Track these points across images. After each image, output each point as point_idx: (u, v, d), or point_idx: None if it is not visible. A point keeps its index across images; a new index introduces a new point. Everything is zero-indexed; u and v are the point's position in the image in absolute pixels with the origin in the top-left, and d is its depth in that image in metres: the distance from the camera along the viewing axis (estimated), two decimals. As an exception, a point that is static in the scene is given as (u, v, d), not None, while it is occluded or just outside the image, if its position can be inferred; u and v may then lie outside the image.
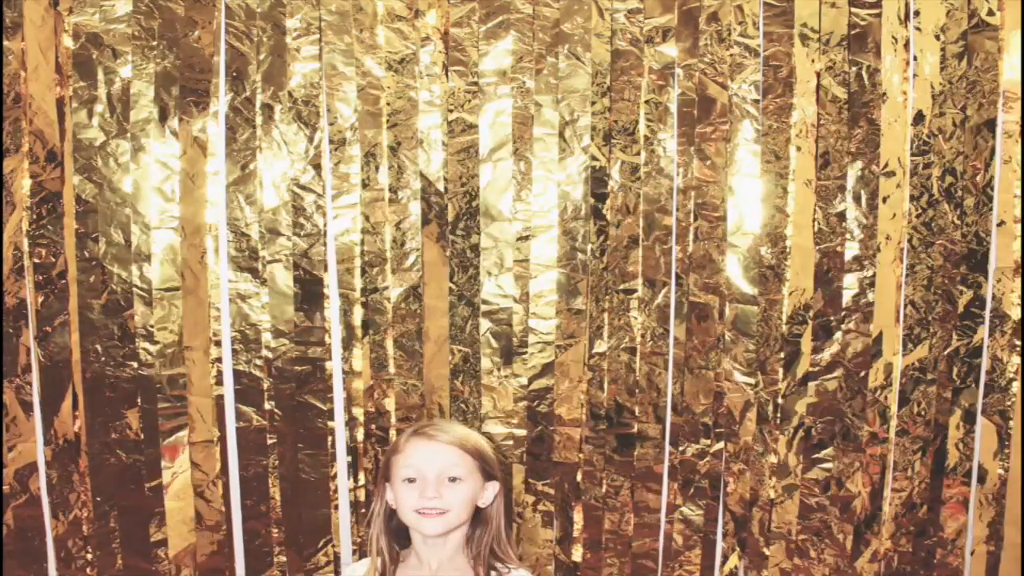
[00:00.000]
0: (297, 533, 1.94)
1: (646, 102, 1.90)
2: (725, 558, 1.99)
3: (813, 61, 1.89)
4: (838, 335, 1.92)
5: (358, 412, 1.93)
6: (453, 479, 1.52)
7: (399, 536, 1.65)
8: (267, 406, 1.91)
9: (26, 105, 1.81)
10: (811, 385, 1.93)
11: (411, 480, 1.53)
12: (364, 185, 1.88)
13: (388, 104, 1.88)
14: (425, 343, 1.91)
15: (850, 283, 1.92)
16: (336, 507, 1.94)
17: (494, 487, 1.61)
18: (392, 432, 1.93)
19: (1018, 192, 1.90)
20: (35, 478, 1.89)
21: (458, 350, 1.91)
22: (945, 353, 1.94)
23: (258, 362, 1.90)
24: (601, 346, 1.93)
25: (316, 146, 1.87)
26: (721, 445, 1.95)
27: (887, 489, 1.97)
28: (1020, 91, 1.88)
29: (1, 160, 1.81)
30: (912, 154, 1.90)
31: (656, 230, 1.92)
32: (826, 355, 1.93)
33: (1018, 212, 1.90)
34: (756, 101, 1.89)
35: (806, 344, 1.92)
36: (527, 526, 1.96)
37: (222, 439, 1.91)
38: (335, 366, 1.92)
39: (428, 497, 1.49)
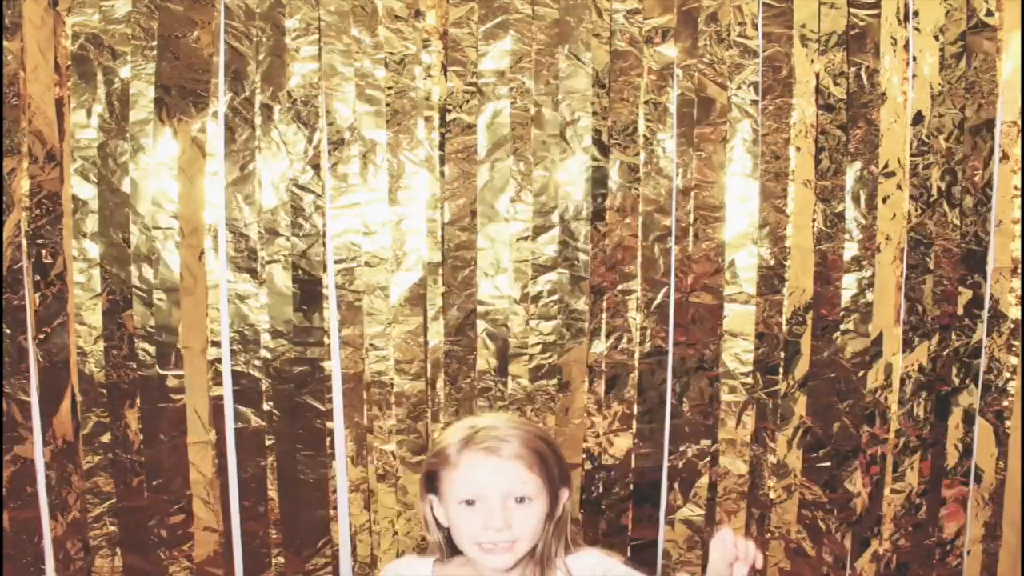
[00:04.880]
0: (295, 534, 1.93)
1: (645, 102, 1.90)
2: None
3: (812, 62, 1.89)
4: (837, 335, 1.93)
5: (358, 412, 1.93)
6: (521, 499, 1.24)
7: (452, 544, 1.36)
8: (265, 407, 1.90)
9: (25, 105, 1.81)
10: (810, 385, 1.94)
11: (470, 502, 1.25)
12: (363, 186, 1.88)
13: (387, 105, 1.87)
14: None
15: (849, 283, 1.92)
16: (334, 508, 1.94)
17: (564, 494, 1.33)
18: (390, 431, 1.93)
19: (1017, 192, 1.90)
20: (33, 479, 1.88)
21: (454, 350, 1.91)
22: (944, 353, 1.94)
23: (257, 363, 1.89)
24: (600, 346, 1.93)
25: (315, 146, 1.87)
26: (720, 445, 1.95)
27: (886, 489, 1.97)
28: (1019, 91, 1.89)
29: (1, 160, 1.81)
30: (911, 154, 1.90)
31: (655, 230, 1.92)
32: (825, 355, 1.93)
33: (1017, 212, 1.91)
34: (755, 102, 1.89)
35: (805, 344, 1.92)
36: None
37: (220, 440, 1.91)
38: (334, 366, 1.92)
39: (495, 528, 1.22)
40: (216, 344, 1.89)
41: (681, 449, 1.95)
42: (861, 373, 1.93)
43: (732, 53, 1.89)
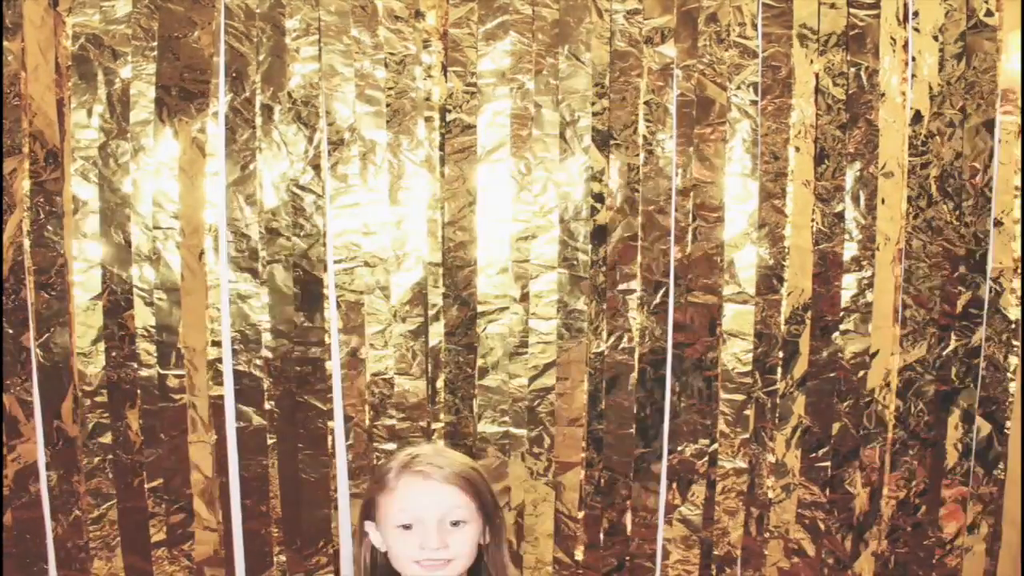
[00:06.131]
0: (296, 533, 1.94)
1: (645, 103, 1.90)
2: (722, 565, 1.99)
3: (812, 62, 1.89)
4: (836, 335, 1.93)
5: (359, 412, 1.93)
6: (456, 522, 1.30)
7: None
8: (267, 406, 1.91)
9: (26, 105, 1.81)
10: (809, 385, 1.94)
11: (406, 527, 1.30)
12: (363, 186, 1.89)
13: (387, 105, 1.88)
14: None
15: (848, 283, 1.92)
16: (336, 507, 1.95)
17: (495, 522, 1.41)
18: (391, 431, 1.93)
19: (1017, 192, 1.90)
20: (35, 479, 1.89)
21: (454, 350, 1.92)
22: (943, 353, 1.94)
23: (258, 362, 1.90)
24: (600, 346, 1.93)
25: (315, 147, 1.87)
26: (719, 445, 1.95)
27: (885, 489, 1.97)
28: (1019, 91, 1.89)
29: (1, 160, 1.81)
30: (910, 154, 1.90)
31: (655, 230, 1.92)
32: (824, 355, 1.93)
33: (1017, 212, 1.91)
34: (755, 102, 1.90)
35: (804, 344, 1.93)
36: (527, 526, 1.96)
37: (221, 440, 1.91)
38: (335, 366, 1.92)
39: (432, 548, 1.27)
40: (217, 344, 1.89)
41: (680, 448, 1.96)
42: (860, 373, 1.93)
43: (732, 53, 1.89)
